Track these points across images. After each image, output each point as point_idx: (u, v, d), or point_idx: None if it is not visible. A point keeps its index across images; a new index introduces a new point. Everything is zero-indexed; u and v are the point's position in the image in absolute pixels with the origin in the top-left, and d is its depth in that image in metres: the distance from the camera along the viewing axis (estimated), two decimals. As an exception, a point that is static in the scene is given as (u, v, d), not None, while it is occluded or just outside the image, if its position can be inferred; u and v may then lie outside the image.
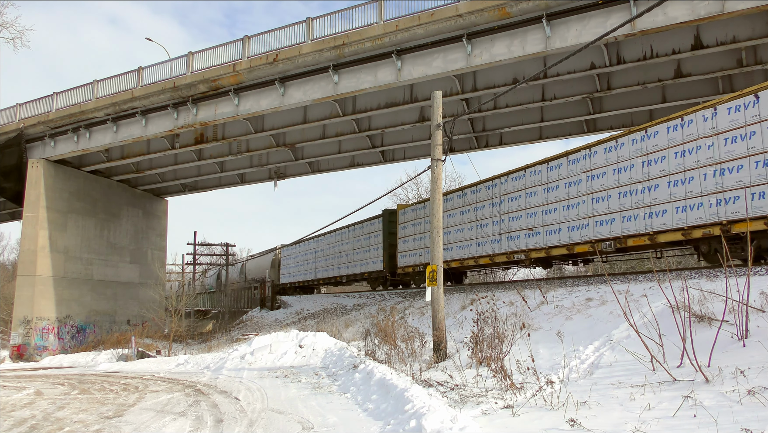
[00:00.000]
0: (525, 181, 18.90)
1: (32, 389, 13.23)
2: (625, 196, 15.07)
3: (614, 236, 15.38)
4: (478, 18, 18.24)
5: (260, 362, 15.23)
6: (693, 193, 13.23)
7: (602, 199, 15.78)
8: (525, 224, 18.65)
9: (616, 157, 15.44)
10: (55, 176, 31.50)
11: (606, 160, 15.78)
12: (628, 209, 14.95)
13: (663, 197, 14.00)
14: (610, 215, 15.54)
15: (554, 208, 17.51)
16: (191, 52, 24.85)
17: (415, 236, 25.06)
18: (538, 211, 18.20)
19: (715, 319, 8.66)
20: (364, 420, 7.75)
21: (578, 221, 16.49)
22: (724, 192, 12.54)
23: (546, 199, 17.87)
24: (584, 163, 16.55)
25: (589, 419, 6.16)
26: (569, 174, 17.05)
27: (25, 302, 30.37)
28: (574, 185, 16.84)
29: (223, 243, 52.55)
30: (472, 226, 21.28)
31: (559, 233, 17.35)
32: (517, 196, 19.17)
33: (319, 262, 35.50)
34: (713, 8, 15.20)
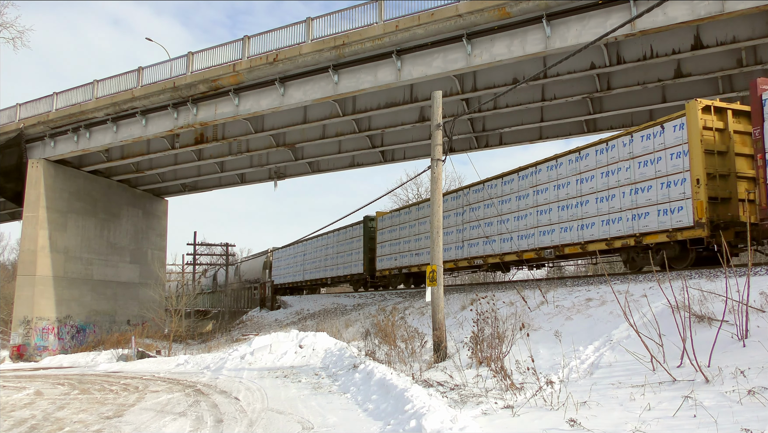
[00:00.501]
0: (484, 193, 20.70)
1: (32, 389, 13.23)
2: (562, 209, 17.04)
3: (554, 244, 17.26)
4: (478, 18, 18.24)
5: (260, 362, 15.23)
6: (615, 209, 15.30)
7: (545, 212, 17.72)
8: (483, 232, 20.45)
9: (556, 175, 17.42)
10: (55, 176, 31.49)
11: (548, 177, 17.73)
12: (564, 221, 16.93)
13: (592, 212, 16.02)
14: (550, 226, 17.47)
15: (507, 219, 19.37)
16: (191, 52, 24.85)
17: (392, 242, 27.00)
18: (494, 221, 20.01)
19: (715, 319, 8.66)
20: (364, 420, 7.75)
21: (526, 231, 18.47)
22: (637, 208, 14.59)
23: (500, 210, 19.66)
24: (531, 179, 18.52)
25: (589, 419, 6.16)
26: (519, 188, 19.03)
27: (25, 302, 30.37)
28: (523, 198, 18.80)
29: (223, 243, 52.59)
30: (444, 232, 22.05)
31: (510, 241, 19.23)
32: (477, 207, 20.98)
33: (307, 264, 37.36)
34: (713, 8, 15.20)
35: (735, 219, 13.04)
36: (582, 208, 16.37)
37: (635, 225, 14.65)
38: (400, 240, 26.30)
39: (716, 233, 12.75)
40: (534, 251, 18.03)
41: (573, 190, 16.74)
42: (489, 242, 20.12)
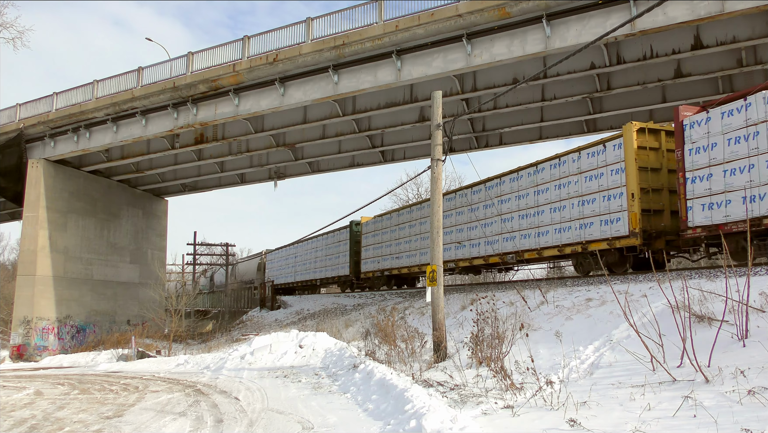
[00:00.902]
0: (456, 202, 22.23)
1: (32, 389, 13.23)
2: (522, 218, 18.58)
3: (515, 250, 18.78)
4: (478, 18, 18.24)
5: (260, 362, 15.23)
6: (565, 219, 16.84)
7: (508, 220, 19.26)
8: (455, 238, 21.93)
9: (518, 186, 19.03)
10: (55, 176, 31.49)
11: (511, 188, 19.30)
12: (524, 229, 18.43)
13: (546, 221, 17.57)
14: (512, 233, 18.99)
15: (475, 226, 20.93)
16: (191, 52, 24.84)
17: (375, 246, 28.79)
18: (464, 228, 21.68)
19: (715, 319, 8.66)
20: (364, 420, 7.75)
21: (492, 237, 19.94)
22: (584, 218, 16.15)
23: (470, 218, 21.24)
24: (496, 189, 19.99)
25: (589, 419, 6.16)
26: (486, 198, 20.42)
27: (25, 302, 30.37)
28: (489, 207, 20.25)
29: (223, 243, 52.58)
30: (417, 238, 25.00)
31: (479, 246, 20.83)
32: (449, 214, 22.25)
33: (298, 266, 39.03)
34: (713, 8, 15.20)
35: (667, 229, 14.55)
36: (539, 218, 17.94)
37: (582, 234, 16.26)
38: (382, 244, 28.08)
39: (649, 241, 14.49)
40: (498, 256, 19.57)
41: (531, 200, 18.30)
42: (460, 247, 21.86)
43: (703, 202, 13.16)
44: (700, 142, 13.30)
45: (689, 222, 13.38)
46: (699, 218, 13.23)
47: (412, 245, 25.47)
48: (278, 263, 42.97)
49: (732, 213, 12.46)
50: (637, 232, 14.42)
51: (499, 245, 19.53)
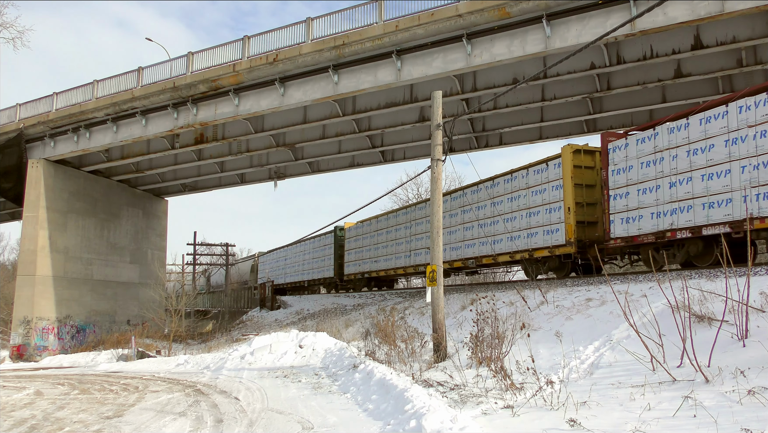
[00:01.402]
0: (426, 210, 24.08)
1: (32, 389, 13.23)
2: (481, 227, 20.36)
3: (475, 255, 20.64)
4: (478, 18, 18.24)
5: (260, 362, 15.23)
6: (516, 228, 18.82)
7: (469, 228, 21.20)
8: (425, 244, 23.91)
9: (477, 198, 20.97)
10: (55, 176, 31.49)
11: (471, 199, 21.28)
12: (482, 237, 20.28)
13: (500, 230, 19.55)
14: (472, 240, 20.90)
15: (453, 231, 22.44)
16: (191, 52, 24.84)
17: (357, 249, 30.86)
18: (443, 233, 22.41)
19: (715, 319, 8.66)
20: (364, 420, 7.75)
21: (456, 243, 21.80)
22: (530, 229, 18.17)
23: (448, 223, 22.30)
24: (460, 200, 21.92)
25: (589, 419, 6.16)
26: (451, 208, 22.26)
27: (25, 302, 30.36)
28: (454, 216, 22.05)
29: (223, 243, 52.53)
30: (393, 243, 27.25)
31: (445, 252, 21.54)
32: (420, 222, 24.70)
33: (288, 268, 41.13)
34: (713, 8, 15.20)
35: (599, 239, 16.16)
36: (494, 227, 19.96)
37: (529, 242, 18.24)
38: (362, 249, 30.27)
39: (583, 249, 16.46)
40: (461, 261, 21.53)
41: (488, 211, 20.24)
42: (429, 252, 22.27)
43: (622, 217, 15.19)
44: (620, 164, 15.36)
45: (611, 234, 15.36)
46: (618, 230, 15.24)
47: (389, 249, 27.55)
48: (270, 264, 44.97)
49: (643, 227, 14.52)
50: (572, 241, 16.45)
51: (461, 251, 21.54)
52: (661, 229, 14.02)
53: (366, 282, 30.68)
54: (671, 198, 13.90)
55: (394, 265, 26.94)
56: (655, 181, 14.30)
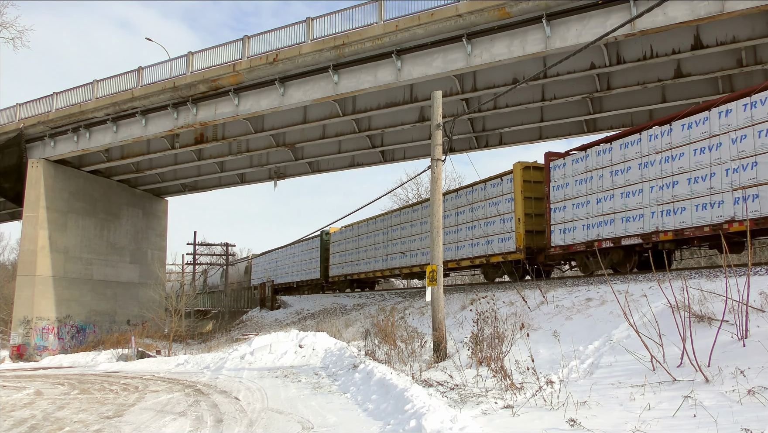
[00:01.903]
0: (400, 218, 26.87)
1: (32, 389, 13.23)
2: (447, 234, 21.84)
3: (455, 258, 22.26)
4: (478, 18, 18.24)
5: (260, 362, 15.22)
6: (475, 236, 20.93)
7: (446, 234, 22.07)
8: (399, 248, 26.48)
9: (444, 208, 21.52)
10: (55, 176, 31.48)
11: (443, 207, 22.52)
12: (447, 243, 21.61)
13: (463, 237, 21.65)
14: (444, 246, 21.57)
15: (414, 239, 25.14)
16: (191, 52, 24.83)
17: (341, 253, 33.04)
18: (406, 240, 26.10)
19: (715, 319, 8.66)
20: (364, 420, 7.75)
21: (426, 249, 23.82)
22: (487, 237, 20.16)
23: (410, 232, 25.61)
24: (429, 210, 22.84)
25: (589, 419, 6.16)
26: (422, 216, 24.78)
27: (25, 302, 30.35)
28: (424, 224, 24.42)
29: (223, 243, 52.56)
30: (372, 248, 29.40)
31: (415, 256, 25.04)
32: (395, 228, 27.13)
33: (278, 270, 43.46)
34: (713, 8, 15.19)
35: (547, 246, 17.92)
36: (457, 235, 22.04)
37: (486, 249, 20.31)
38: (345, 252, 32.53)
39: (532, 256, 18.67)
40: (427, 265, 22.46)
41: (453, 220, 22.25)
42: (403, 256, 26.06)
43: (560, 228, 17.36)
44: (559, 181, 17.60)
45: (552, 243, 17.59)
46: (557, 240, 17.43)
47: (368, 253, 29.71)
48: (263, 266, 47.27)
49: (576, 237, 16.68)
50: (522, 249, 18.65)
51: (428, 257, 22.74)
52: (590, 239, 16.15)
53: (349, 284, 32.99)
54: (598, 212, 16.05)
55: (372, 268, 29.16)
56: (586, 197, 16.55)
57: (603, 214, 15.91)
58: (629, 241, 15.08)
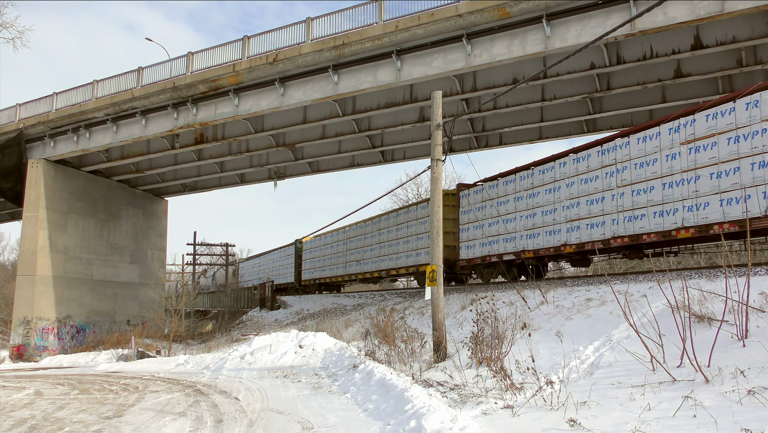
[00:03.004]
0: (356, 231, 31.50)
1: (32, 389, 13.22)
2: (389, 246, 27.51)
3: (387, 268, 27.82)
4: (478, 18, 18.24)
5: (260, 362, 15.22)
6: (410, 249, 25.71)
7: (383, 247, 28.37)
8: (355, 257, 31.23)
9: (387, 224, 28.26)
10: (55, 176, 31.48)
11: (384, 225, 28.57)
12: (389, 254, 27.49)
13: (401, 249, 26.44)
14: (384, 256, 28.19)
15: (366, 250, 29.99)
16: (191, 52, 24.82)
17: (311, 260, 37.85)
18: (360, 250, 30.80)
19: (715, 319, 8.66)
20: (364, 420, 7.75)
21: (374, 258, 29.17)
22: (418, 249, 24.94)
23: (363, 243, 30.25)
24: (378, 225, 29.30)
25: (589, 419, 6.16)
26: (371, 231, 29.60)
27: (25, 302, 30.35)
28: (373, 237, 29.40)
29: (223, 243, 52.55)
30: (336, 256, 33.89)
31: (367, 264, 29.91)
32: (353, 240, 31.69)
33: (261, 274, 47.73)
34: (713, 8, 15.20)
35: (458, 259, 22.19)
36: (396, 247, 26.94)
37: (417, 259, 24.97)
38: (314, 259, 37.21)
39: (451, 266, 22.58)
40: (377, 272, 28.82)
41: (393, 235, 27.29)
42: (358, 264, 30.72)
43: (465, 245, 21.57)
44: (465, 207, 21.85)
45: (460, 256, 21.89)
46: (463, 254, 21.69)
47: (332, 261, 34.05)
48: (248, 270, 52.35)
49: (475, 253, 20.96)
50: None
51: (378, 264, 28.93)
52: (484, 255, 20.44)
53: (317, 287, 37.40)
54: (489, 234, 20.27)
55: (335, 273, 33.39)
56: (482, 221, 20.75)
57: (492, 235, 20.16)
58: (508, 257, 19.43)
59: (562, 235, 16.98)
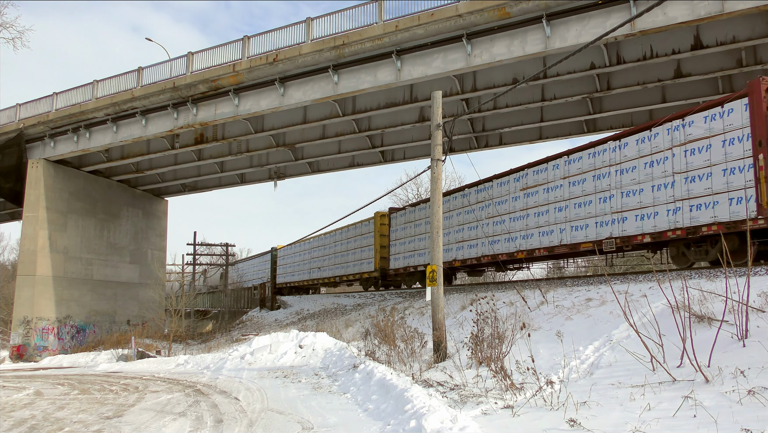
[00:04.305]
0: (319, 242, 35.84)
1: (32, 390, 13.22)
2: (340, 257, 32.98)
3: (340, 274, 32.66)
4: (478, 18, 18.24)
5: (260, 362, 15.22)
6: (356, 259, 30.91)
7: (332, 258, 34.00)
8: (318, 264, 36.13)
9: (334, 240, 33.92)
10: (55, 176, 31.48)
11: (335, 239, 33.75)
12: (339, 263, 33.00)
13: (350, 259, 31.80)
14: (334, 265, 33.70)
15: (325, 259, 35.00)
16: (191, 52, 24.82)
17: (283, 266, 41.97)
18: (322, 258, 35.47)
19: (715, 319, 8.66)
20: (364, 420, 7.75)
21: (326, 267, 34.59)
22: (362, 259, 30.07)
23: (322, 253, 35.36)
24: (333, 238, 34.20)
25: (589, 420, 6.15)
26: (331, 242, 34.32)
27: (25, 303, 30.35)
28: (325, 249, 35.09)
29: (223, 243, 52.51)
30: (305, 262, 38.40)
31: (326, 271, 34.57)
32: (317, 249, 36.28)
33: (244, 276, 54.12)
34: (713, 8, 15.20)
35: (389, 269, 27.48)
36: (345, 258, 32.28)
37: (360, 267, 30.30)
38: (286, 265, 41.47)
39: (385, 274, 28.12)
40: (333, 278, 33.69)
41: (345, 247, 32.33)
42: (320, 270, 35.43)
43: (393, 257, 26.87)
44: (394, 227, 27.06)
45: (390, 267, 27.17)
46: (393, 265, 26.92)
47: (301, 267, 38.81)
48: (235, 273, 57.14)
49: (402, 264, 25.93)
50: (377, 269, 28.54)
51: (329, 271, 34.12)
52: (406, 266, 25.55)
53: (289, 290, 41.02)
54: (409, 249, 25.35)
55: (302, 278, 38.36)
56: (405, 239, 25.86)
57: (411, 250, 25.23)
58: (421, 268, 24.34)
59: (453, 253, 22.17)
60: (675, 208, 13.70)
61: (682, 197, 13.51)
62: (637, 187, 14.67)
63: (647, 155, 14.42)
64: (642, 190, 14.53)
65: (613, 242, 15.22)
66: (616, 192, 15.28)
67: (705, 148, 13.03)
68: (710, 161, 12.93)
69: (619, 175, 15.25)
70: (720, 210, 12.63)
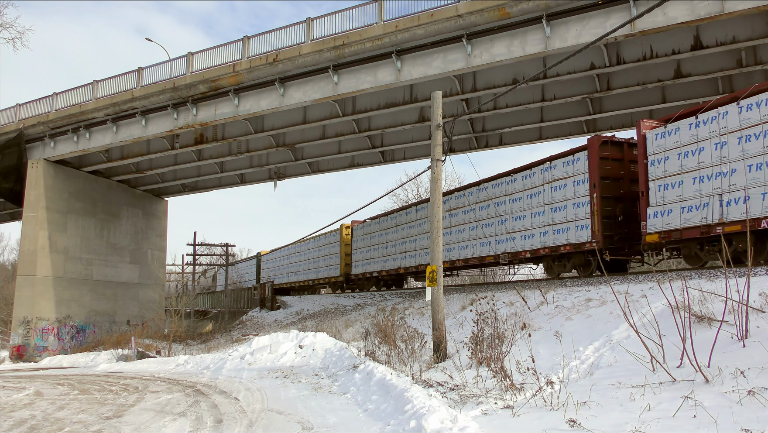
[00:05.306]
0: (297, 249, 40.59)
1: (32, 390, 13.22)
2: (312, 263, 38.39)
3: (312, 278, 37.91)
4: (478, 18, 18.24)
5: (260, 362, 15.22)
6: (324, 265, 36.49)
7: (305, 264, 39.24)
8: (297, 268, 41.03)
9: (308, 247, 38.87)
10: (55, 177, 31.48)
11: (310, 246, 38.51)
12: (311, 268, 38.26)
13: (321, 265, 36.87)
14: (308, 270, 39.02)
15: (301, 264, 40.08)
16: (191, 52, 24.82)
17: (269, 269, 46.39)
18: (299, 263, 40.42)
19: (715, 319, 8.66)
20: (364, 420, 7.75)
21: (301, 271, 40.05)
22: (330, 265, 35.68)
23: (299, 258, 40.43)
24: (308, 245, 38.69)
25: (589, 420, 6.15)
26: (306, 249, 39.24)
27: (24, 303, 30.35)
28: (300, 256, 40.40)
29: (223, 243, 52.48)
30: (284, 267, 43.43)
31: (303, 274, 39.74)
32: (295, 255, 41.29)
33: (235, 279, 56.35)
34: (713, 8, 15.20)
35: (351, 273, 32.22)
36: (317, 264, 37.39)
37: (329, 272, 35.40)
38: (270, 269, 46.21)
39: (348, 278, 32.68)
40: (306, 281, 38.87)
41: (314, 254, 37.85)
42: (297, 274, 40.69)
43: (354, 264, 31.48)
44: (356, 236, 31.57)
45: (353, 272, 31.63)
46: (355, 270, 31.36)
47: (283, 270, 43.53)
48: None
49: (361, 270, 30.60)
50: (342, 274, 33.46)
51: (303, 275, 39.53)
52: (364, 271, 30.19)
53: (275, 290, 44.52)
54: (367, 257, 30.00)
55: (282, 281, 42.51)
56: (363, 248, 30.57)
57: (367, 258, 30.05)
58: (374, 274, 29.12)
59: (398, 261, 26.86)
60: (544, 231, 17.77)
61: (549, 223, 17.64)
62: (522, 213, 18.82)
63: (529, 189, 18.57)
64: (525, 216, 18.66)
65: (507, 257, 19.42)
66: (509, 217, 19.36)
67: (563, 186, 17.16)
68: (566, 197, 17.03)
69: (511, 204, 19.41)
70: (570, 234, 16.77)
